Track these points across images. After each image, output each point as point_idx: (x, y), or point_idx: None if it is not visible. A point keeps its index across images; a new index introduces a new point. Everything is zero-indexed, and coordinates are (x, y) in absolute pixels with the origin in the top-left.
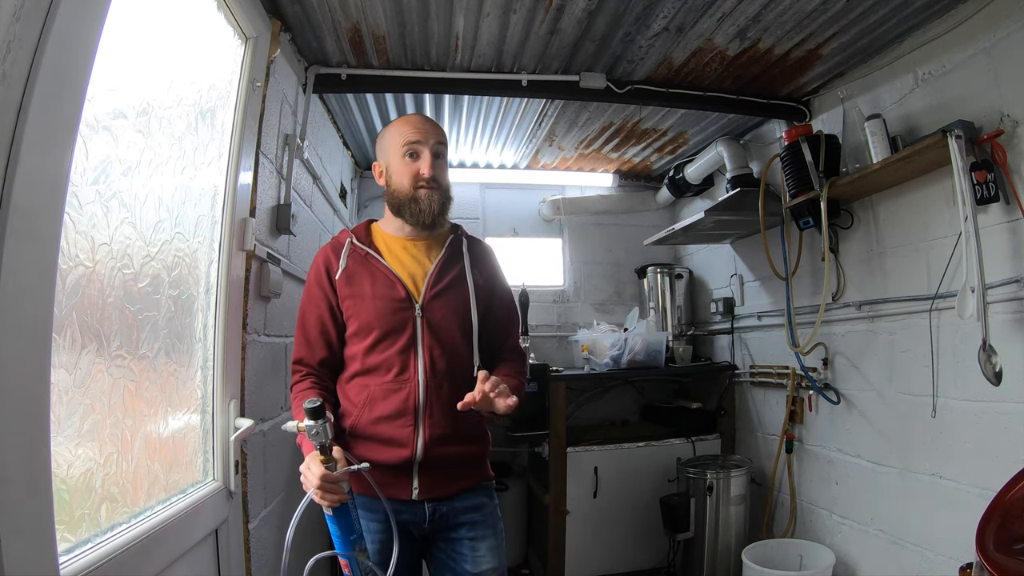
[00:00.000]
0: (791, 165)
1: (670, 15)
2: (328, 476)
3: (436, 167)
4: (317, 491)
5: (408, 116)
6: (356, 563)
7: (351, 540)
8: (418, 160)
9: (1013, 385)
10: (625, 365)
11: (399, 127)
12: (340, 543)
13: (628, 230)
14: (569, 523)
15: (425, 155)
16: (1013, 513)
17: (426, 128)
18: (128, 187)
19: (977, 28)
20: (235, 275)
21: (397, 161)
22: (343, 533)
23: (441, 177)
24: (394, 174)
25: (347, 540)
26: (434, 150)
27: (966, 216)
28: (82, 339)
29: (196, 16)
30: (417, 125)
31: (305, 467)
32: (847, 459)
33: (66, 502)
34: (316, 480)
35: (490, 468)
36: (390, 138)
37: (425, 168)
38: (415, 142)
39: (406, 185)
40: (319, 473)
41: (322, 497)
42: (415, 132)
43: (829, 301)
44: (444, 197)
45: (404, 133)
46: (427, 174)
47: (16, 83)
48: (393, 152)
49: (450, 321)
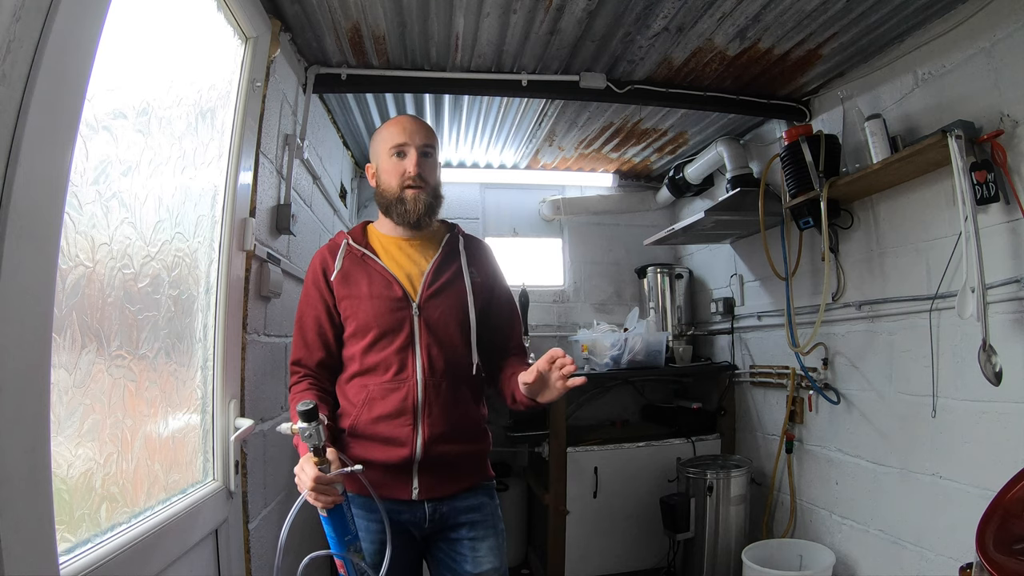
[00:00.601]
0: (791, 165)
1: (670, 15)
2: (321, 478)
3: (423, 166)
4: (310, 493)
5: (397, 118)
6: (351, 564)
7: (346, 541)
8: (404, 159)
9: (1013, 385)
10: (625, 365)
11: (387, 128)
12: (335, 544)
13: (628, 230)
14: (569, 523)
15: (411, 154)
16: (1013, 513)
17: (413, 129)
18: (128, 187)
19: (977, 28)
20: (235, 275)
21: (385, 161)
22: (338, 534)
23: (429, 176)
24: (383, 174)
25: (341, 541)
26: (421, 150)
27: (966, 216)
28: (82, 339)
29: (196, 16)
30: (405, 126)
31: (299, 469)
32: (847, 459)
33: (66, 502)
34: (310, 482)
35: (490, 468)
36: (379, 139)
37: (411, 166)
38: (402, 143)
39: (393, 185)
40: (312, 475)
41: (316, 499)
42: (402, 133)
43: (829, 301)
44: (431, 197)
45: (392, 134)
46: (412, 171)
47: (16, 83)
48: (382, 153)
49: (448, 320)
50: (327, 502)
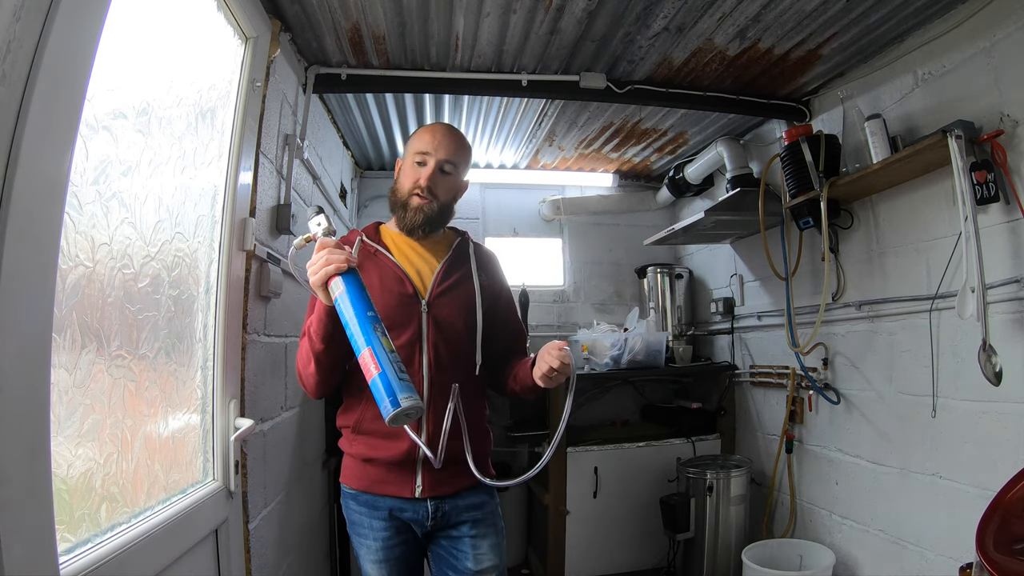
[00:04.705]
0: (791, 165)
1: (670, 15)
2: (327, 242)
3: (436, 180)
4: (329, 258)
5: (435, 125)
6: (381, 347)
7: (370, 318)
8: (422, 168)
9: (1013, 385)
10: (625, 365)
11: (420, 132)
12: (361, 322)
13: (628, 230)
14: (569, 523)
15: (430, 165)
16: (1013, 513)
17: (441, 142)
18: (128, 187)
19: (977, 28)
20: (235, 275)
21: (408, 164)
22: (362, 307)
23: (440, 191)
24: (402, 175)
25: (366, 318)
26: (441, 164)
27: (966, 216)
28: (82, 339)
29: (196, 16)
30: (435, 135)
31: (311, 260)
32: (847, 459)
33: (66, 502)
34: (326, 251)
35: (491, 467)
36: (413, 139)
37: (424, 178)
38: (426, 152)
39: (405, 188)
40: (321, 246)
41: (329, 263)
42: (430, 142)
43: (829, 301)
44: (434, 211)
45: (422, 141)
46: (423, 183)
47: (16, 83)
48: (408, 153)
49: (455, 318)
50: (340, 261)
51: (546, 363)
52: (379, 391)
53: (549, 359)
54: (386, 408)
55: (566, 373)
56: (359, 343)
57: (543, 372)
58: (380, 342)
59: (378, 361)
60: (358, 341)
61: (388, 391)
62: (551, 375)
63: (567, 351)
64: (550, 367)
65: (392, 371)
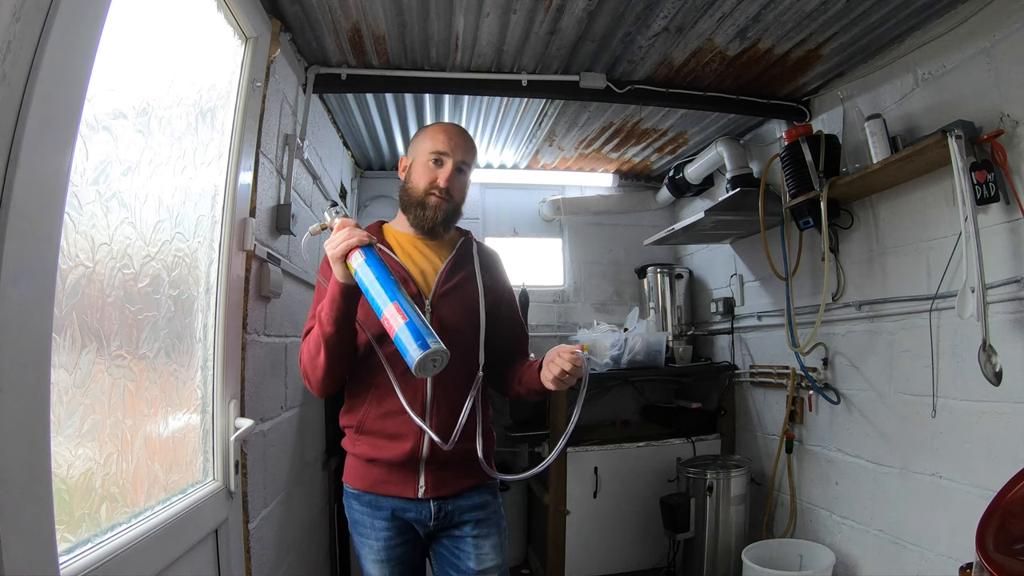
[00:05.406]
0: (791, 165)
1: (670, 15)
2: (348, 221)
3: (454, 181)
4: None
5: (446, 124)
6: (406, 299)
7: (393, 280)
8: (440, 168)
9: (1013, 385)
10: (625, 365)
11: (434, 132)
12: (384, 284)
13: (628, 230)
14: (569, 523)
15: (448, 166)
16: (1013, 513)
17: (457, 143)
18: (128, 187)
19: (977, 28)
20: (235, 275)
21: (421, 163)
22: (384, 272)
23: (456, 192)
24: (414, 174)
25: (390, 280)
26: (458, 165)
27: (966, 216)
28: (82, 339)
29: (196, 16)
30: (451, 136)
31: (331, 237)
32: (847, 459)
33: (66, 502)
34: (346, 229)
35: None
36: (424, 137)
37: (443, 179)
38: (443, 152)
39: (420, 188)
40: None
41: (351, 237)
42: (447, 143)
43: (829, 301)
44: (451, 210)
45: (437, 140)
46: (442, 184)
47: (16, 83)
48: (421, 153)
49: (459, 318)
50: (363, 236)
51: (558, 366)
52: (407, 339)
53: (560, 361)
54: (415, 353)
55: (577, 375)
56: (382, 302)
57: (555, 375)
58: (406, 297)
59: (404, 311)
60: (381, 300)
61: (416, 336)
62: (563, 377)
63: (579, 354)
64: (562, 369)
65: (419, 319)
